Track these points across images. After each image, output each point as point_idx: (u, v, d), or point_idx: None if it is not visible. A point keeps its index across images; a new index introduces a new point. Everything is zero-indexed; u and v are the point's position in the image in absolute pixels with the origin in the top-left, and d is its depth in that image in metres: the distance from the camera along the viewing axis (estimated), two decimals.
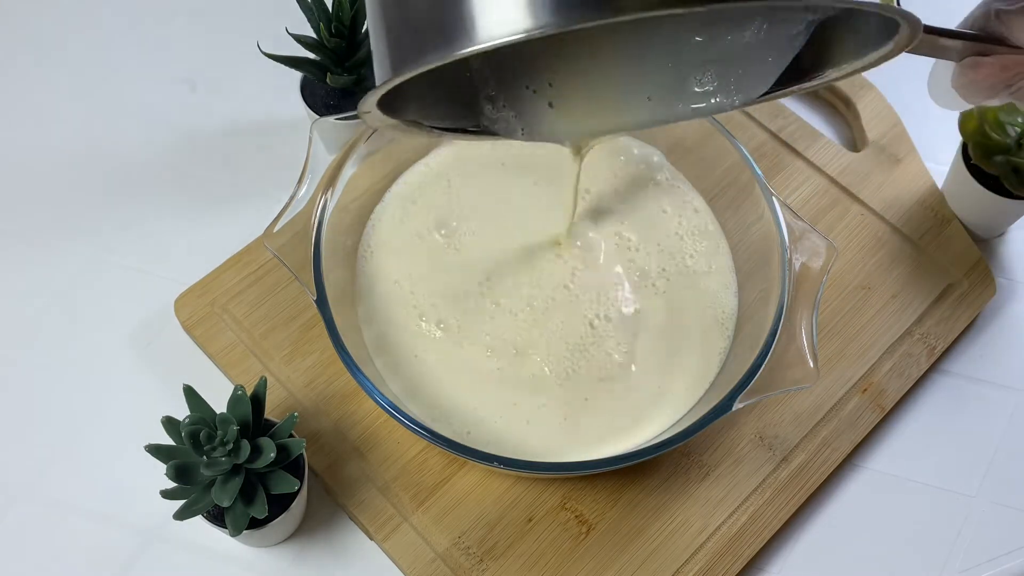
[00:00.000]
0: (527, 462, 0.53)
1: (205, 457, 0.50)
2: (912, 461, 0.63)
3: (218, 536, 0.57)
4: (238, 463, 0.51)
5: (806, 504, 0.60)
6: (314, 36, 0.64)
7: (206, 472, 0.50)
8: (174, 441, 0.52)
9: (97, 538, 0.58)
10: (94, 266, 0.67)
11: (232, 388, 0.53)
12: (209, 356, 0.63)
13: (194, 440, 0.51)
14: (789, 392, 0.57)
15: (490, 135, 0.52)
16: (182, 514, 0.51)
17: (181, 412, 0.52)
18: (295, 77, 0.68)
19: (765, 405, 0.62)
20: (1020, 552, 0.60)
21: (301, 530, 0.58)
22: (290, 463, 0.54)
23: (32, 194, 0.71)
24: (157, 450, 0.52)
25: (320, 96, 0.68)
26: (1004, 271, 0.70)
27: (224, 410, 0.53)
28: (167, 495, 0.51)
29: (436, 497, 0.58)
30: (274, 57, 0.65)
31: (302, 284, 0.55)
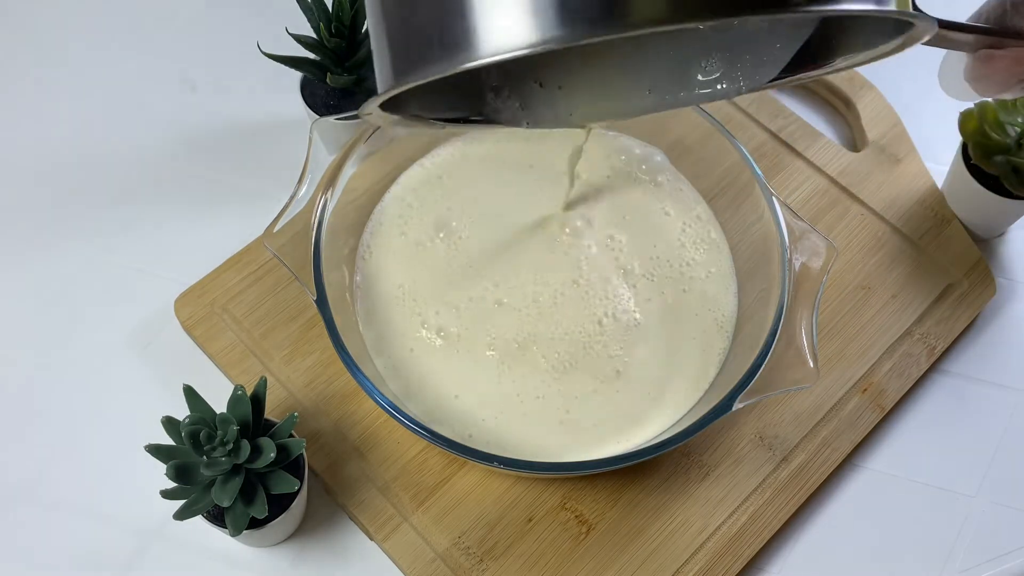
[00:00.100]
0: (527, 462, 0.53)
1: (205, 457, 0.50)
2: (912, 461, 0.63)
3: (218, 536, 0.57)
4: (238, 463, 0.51)
5: (806, 504, 0.60)
6: (314, 36, 0.64)
7: (206, 472, 0.50)
8: (174, 441, 0.52)
9: (97, 538, 0.58)
10: (94, 266, 0.67)
11: (232, 388, 0.53)
12: (209, 356, 0.63)
13: (194, 440, 0.51)
14: (789, 392, 0.57)
15: (493, 124, 0.52)
16: (182, 514, 0.51)
17: (181, 412, 0.52)
18: (295, 77, 0.68)
19: (765, 405, 0.62)
20: (1020, 552, 0.60)
21: (301, 530, 0.58)
22: (290, 463, 0.54)
23: (32, 194, 0.71)
24: (157, 450, 0.52)
25: (320, 96, 0.68)
26: (1004, 271, 0.70)
27: (224, 410, 0.53)
28: (167, 495, 0.51)
29: (436, 497, 0.58)
30: (274, 57, 0.65)
31: (302, 284, 0.55)
